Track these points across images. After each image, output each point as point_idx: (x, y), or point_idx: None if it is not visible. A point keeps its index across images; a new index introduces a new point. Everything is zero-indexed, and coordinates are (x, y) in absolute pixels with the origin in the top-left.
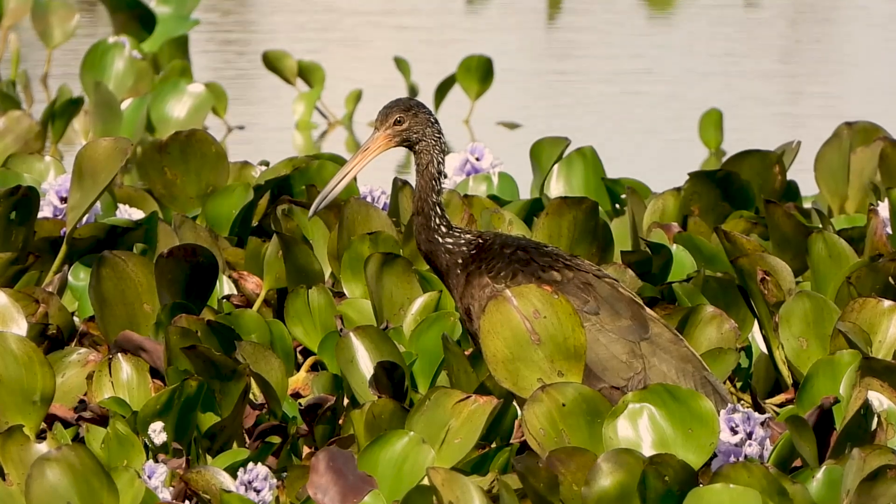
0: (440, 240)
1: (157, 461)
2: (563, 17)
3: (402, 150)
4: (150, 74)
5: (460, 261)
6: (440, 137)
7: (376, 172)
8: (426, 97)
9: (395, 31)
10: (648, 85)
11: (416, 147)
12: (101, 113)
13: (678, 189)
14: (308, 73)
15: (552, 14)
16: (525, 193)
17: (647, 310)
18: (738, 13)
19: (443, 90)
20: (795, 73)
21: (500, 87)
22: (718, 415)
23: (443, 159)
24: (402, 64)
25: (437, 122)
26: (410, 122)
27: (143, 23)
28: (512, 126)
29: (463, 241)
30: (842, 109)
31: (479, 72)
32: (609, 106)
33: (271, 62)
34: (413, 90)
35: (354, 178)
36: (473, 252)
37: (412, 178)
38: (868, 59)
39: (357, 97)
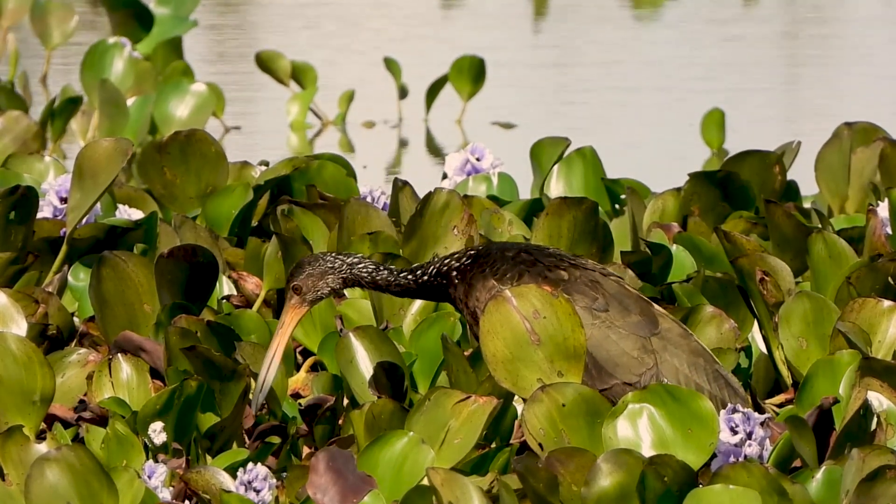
0: (422, 280)
1: (156, 461)
2: (549, 17)
3: (395, 150)
4: (152, 74)
5: (455, 273)
6: (352, 262)
7: (376, 173)
8: (417, 97)
9: (381, 33)
10: (645, 84)
11: (343, 286)
12: (108, 111)
13: (678, 189)
14: (301, 74)
15: (538, 14)
16: (525, 194)
17: (655, 306)
18: (736, 12)
19: (434, 90)
20: (795, 73)
21: (490, 88)
22: (728, 407)
23: (364, 269)
24: (392, 64)
25: (335, 256)
26: (307, 284)
27: (140, 22)
28: (507, 126)
29: (447, 261)
30: (842, 109)
31: (472, 72)
32: (605, 106)
33: (265, 63)
34: (403, 90)
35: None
36: (468, 262)
37: (409, 177)
38: (868, 59)
39: (350, 98)
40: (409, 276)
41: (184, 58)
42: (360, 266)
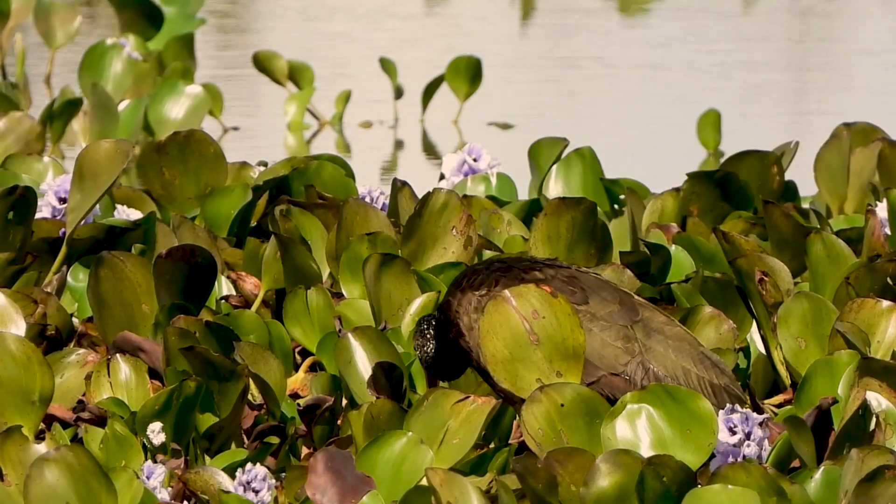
0: (432, 347)
1: (155, 461)
2: (536, 17)
3: (391, 151)
4: (151, 75)
5: (433, 321)
6: (420, 343)
7: (373, 173)
8: (413, 98)
9: (375, 33)
10: (642, 84)
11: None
12: (98, 114)
13: (677, 189)
14: (297, 74)
15: (525, 14)
16: (523, 194)
17: (636, 296)
18: (733, 11)
19: (430, 91)
20: (793, 73)
21: (486, 88)
22: (727, 407)
23: (424, 355)
24: (387, 65)
25: (417, 336)
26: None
27: (150, 20)
28: (504, 126)
29: (433, 321)
30: (840, 110)
31: (468, 72)
32: (602, 106)
33: (261, 63)
34: (399, 91)
35: None
36: (448, 295)
37: (406, 178)
38: (866, 59)
39: (346, 98)
40: (430, 347)
41: (195, 55)
42: (420, 331)
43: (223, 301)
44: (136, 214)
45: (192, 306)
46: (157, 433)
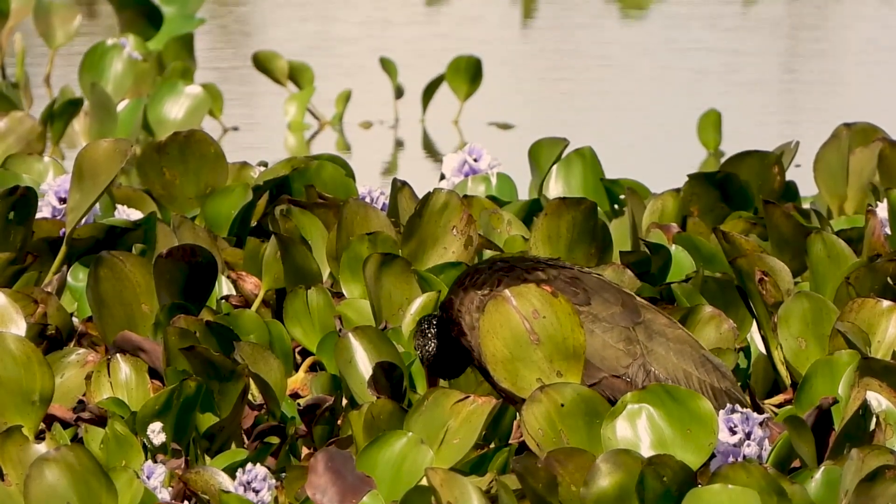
0: (432, 349)
1: (155, 461)
2: (537, 17)
3: (392, 151)
4: (151, 75)
5: (433, 321)
6: (421, 343)
7: (373, 174)
8: (413, 98)
9: (375, 33)
10: (642, 84)
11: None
12: (97, 114)
13: (677, 190)
14: (297, 74)
15: (525, 15)
16: (523, 194)
17: (638, 298)
18: (733, 9)
19: (430, 91)
20: (794, 72)
21: (487, 88)
22: (727, 407)
23: (425, 354)
24: (387, 64)
25: (417, 335)
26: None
27: (149, 20)
28: (504, 126)
29: (434, 319)
30: (840, 110)
31: (469, 72)
32: (602, 106)
33: (262, 63)
34: (399, 91)
35: None
36: (451, 293)
37: (407, 178)
38: (867, 58)
39: (346, 98)
40: (430, 346)
41: (195, 55)
42: (421, 330)
43: (223, 301)
44: (136, 214)
45: (193, 306)
46: (157, 433)
